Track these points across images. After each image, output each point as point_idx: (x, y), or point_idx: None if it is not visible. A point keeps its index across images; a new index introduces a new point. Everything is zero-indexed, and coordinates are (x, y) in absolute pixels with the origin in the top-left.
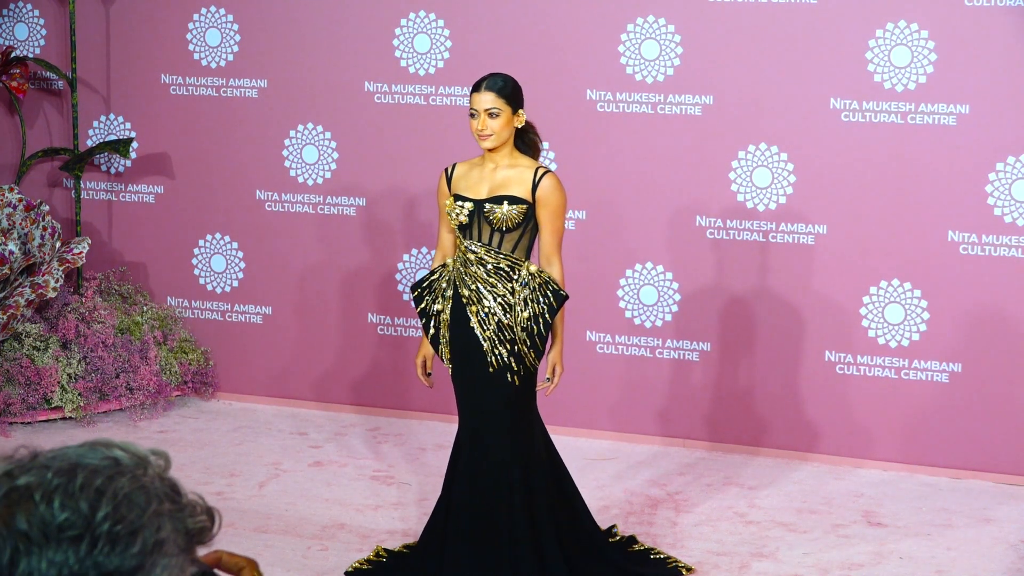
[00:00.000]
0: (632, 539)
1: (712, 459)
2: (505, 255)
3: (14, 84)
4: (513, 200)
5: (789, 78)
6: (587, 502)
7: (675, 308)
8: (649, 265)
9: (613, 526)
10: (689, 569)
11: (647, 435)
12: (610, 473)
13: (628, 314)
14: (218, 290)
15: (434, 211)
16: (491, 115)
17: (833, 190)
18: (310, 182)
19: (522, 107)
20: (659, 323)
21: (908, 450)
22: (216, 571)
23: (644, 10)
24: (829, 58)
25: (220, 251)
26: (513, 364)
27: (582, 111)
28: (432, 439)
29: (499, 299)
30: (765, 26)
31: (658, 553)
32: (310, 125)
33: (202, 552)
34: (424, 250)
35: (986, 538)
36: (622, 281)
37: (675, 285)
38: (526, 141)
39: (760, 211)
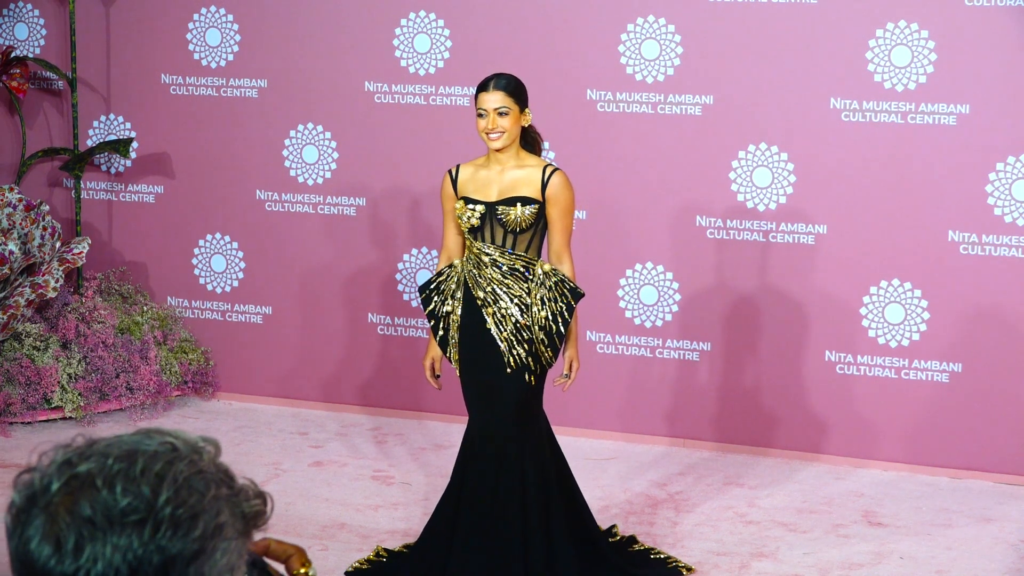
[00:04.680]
0: (632, 539)
1: (713, 459)
2: (519, 256)
3: (14, 84)
4: (525, 201)
5: (789, 78)
6: (588, 502)
7: (675, 308)
8: (649, 265)
9: (613, 526)
10: (689, 569)
11: (648, 435)
12: (610, 473)
13: (628, 314)
14: (218, 290)
15: (435, 211)
16: (500, 113)
17: (833, 190)
18: (310, 182)
19: (527, 106)
20: (659, 323)
21: (908, 450)
22: (265, 559)
23: (644, 10)
24: (829, 58)
25: (220, 251)
26: (531, 363)
27: (582, 111)
28: (433, 439)
29: (515, 299)
30: (765, 26)
31: (658, 553)
32: (310, 125)
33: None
34: (425, 250)
35: (986, 538)
36: (622, 281)
37: (675, 285)
38: (528, 139)
39: (760, 211)
